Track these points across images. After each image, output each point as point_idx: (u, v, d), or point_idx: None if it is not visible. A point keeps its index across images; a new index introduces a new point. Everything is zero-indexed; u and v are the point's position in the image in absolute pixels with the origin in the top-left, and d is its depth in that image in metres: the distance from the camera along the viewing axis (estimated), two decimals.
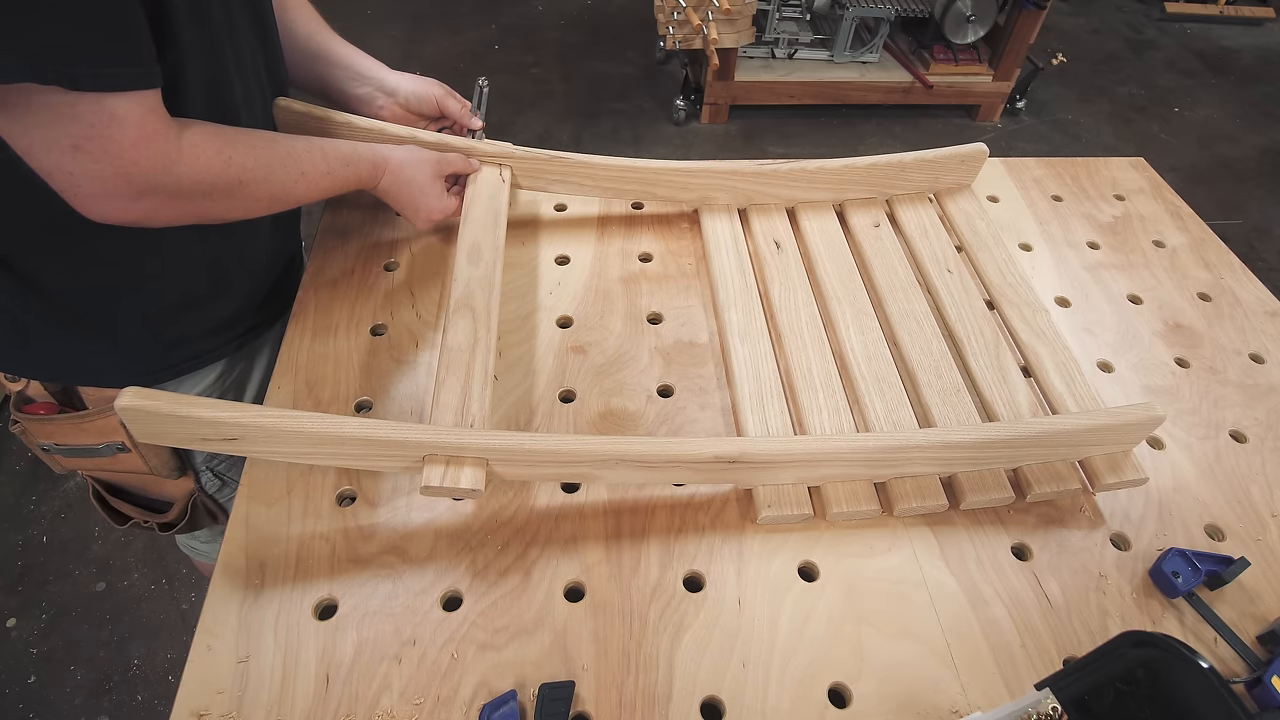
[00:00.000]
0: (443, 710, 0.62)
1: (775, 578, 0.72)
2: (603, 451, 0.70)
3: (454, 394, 0.74)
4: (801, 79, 3.00)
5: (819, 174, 1.01)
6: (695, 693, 0.64)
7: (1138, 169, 1.24)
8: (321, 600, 0.68)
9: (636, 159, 0.98)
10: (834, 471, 0.76)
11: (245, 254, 0.87)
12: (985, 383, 0.85)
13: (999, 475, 0.78)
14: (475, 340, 0.78)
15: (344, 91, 0.95)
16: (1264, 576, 0.75)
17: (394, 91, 0.96)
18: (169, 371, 0.86)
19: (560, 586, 0.71)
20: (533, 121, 3.04)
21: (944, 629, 0.70)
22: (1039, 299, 0.93)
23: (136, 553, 1.78)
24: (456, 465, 0.68)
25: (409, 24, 3.52)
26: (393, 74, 0.96)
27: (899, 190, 1.05)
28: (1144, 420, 0.76)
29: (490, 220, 0.91)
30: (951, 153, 1.03)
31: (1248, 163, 3.16)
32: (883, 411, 0.82)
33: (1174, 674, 0.51)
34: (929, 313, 0.92)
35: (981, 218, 1.03)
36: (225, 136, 0.69)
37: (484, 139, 0.98)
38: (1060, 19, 3.92)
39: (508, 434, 0.70)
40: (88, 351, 0.81)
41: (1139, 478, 0.79)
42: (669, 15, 2.59)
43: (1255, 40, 3.94)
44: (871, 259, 0.98)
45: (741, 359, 0.85)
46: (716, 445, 0.71)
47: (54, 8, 0.52)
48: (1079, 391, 0.84)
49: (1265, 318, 1.01)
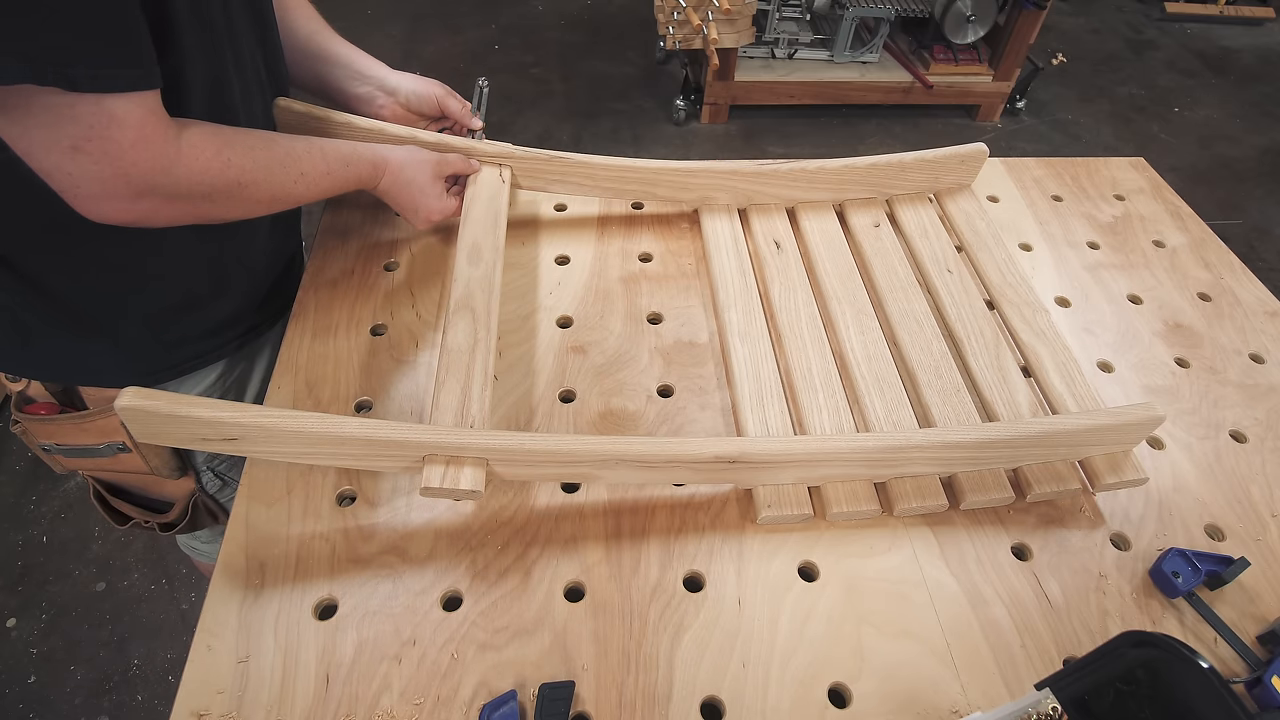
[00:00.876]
0: (443, 710, 0.62)
1: (775, 578, 0.72)
2: (603, 451, 0.70)
3: (454, 394, 0.74)
4: (801, 79, 3.00)
5: (819, 174, 1.01)
6: (695, 693, 0.64)
7: (1138, 169, 1.24)
8: (321, 600, 0.68)
9: (636, 159, 0.98)
10: (834, 471, 0.76)
11: (245, 253, 0.87)
12: (985, 383, 0.85)
13: (999, 475, 0.78)
14: (475, 341, 0.78)
15: (344, 90, 0.95)
16: (1264, 576, 0.75)
17: (394, 91, 0.96)
18: (170, 372, 0.86)
19: (560, 586, 0.71)
20: (533, 121, 3.04)
21: (944, 629, 0.70)
22: (1039, 299, 0.93)
23: (136, 553, 1.78)
24: (456, 466, 0.68)
25: (409, 24, 3.52)
26: (393, 73, 0.96)
27: (899, 190, 1.05)
28: (1144, 420, 0.76)
29: (490, 220, 0.91)
30: (951, 153, 1.03)
31: (1248, 163, 3.16)
32: (883, 411, 0.82)
33: (1174, 674, 0.51)
34: (929, 313, 0.92)
35: (981, 218, 1.03)
36: (224, 137, 0.69)
37: (484, 139, 0.98)
38: (1060, 19, 3.92)
39: (508, 434, 0.70)
40: (88, 351, 0.81)
41: (1139, 478, 0.79)
42: (669, 15, 2.59)
43: (1255, 40, 3.94)
44: (871, 259, 0.98)
45: (741, 359, 0.85)
46: (716, 445, 0.71)
47: (54, 10, 0.52)
48: (1079, 392, 0.84)
49: (1265, 318, 1.01)
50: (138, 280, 0.78)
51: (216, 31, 0.70)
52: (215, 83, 0.72)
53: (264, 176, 0.72)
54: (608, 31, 3.58)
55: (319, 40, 0.94)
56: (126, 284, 0.78)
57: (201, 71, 0.69)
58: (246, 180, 0.71)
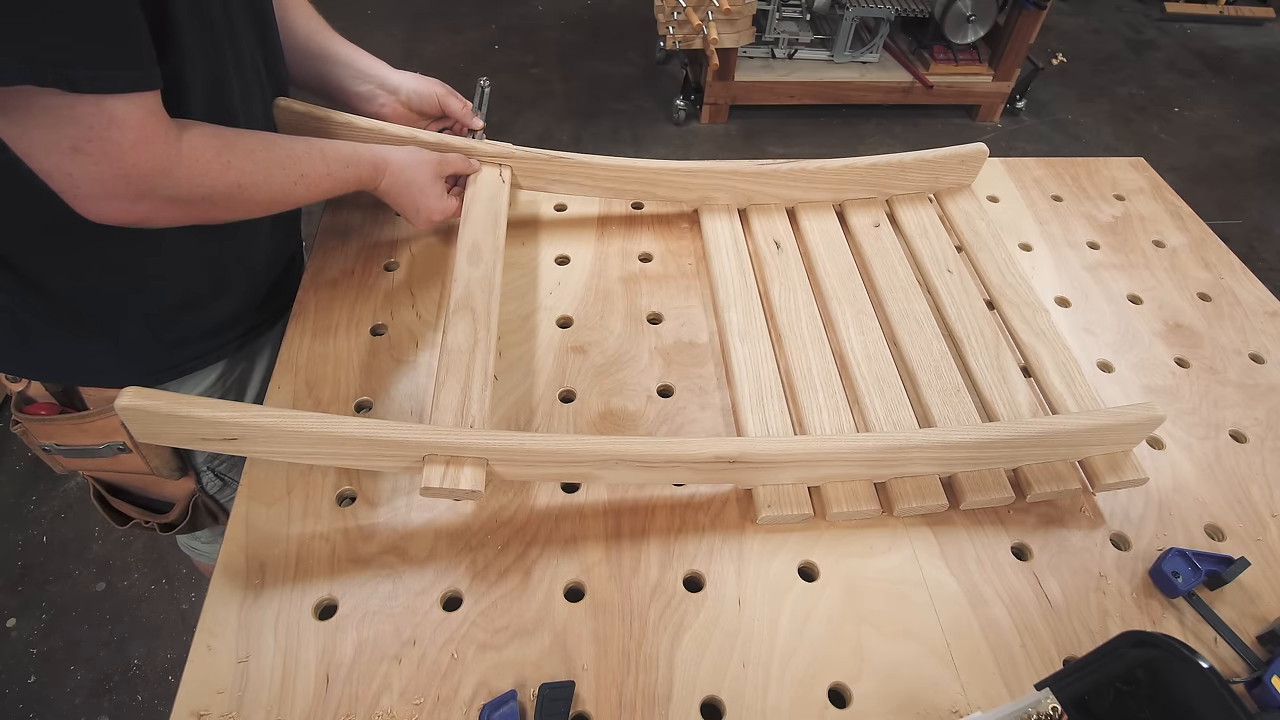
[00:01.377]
0: (443, 710, 0.62)
1: (775, 578, 0.72)
2: (602, 451, 0.70)
3: (454, 394, 0.74)
4: (801, 79, 3.00)
5: (819, 174, 1.01)
6: (695, 693, 0.64)
7: (1138, 169, 1.23)
8: (321, 600, 0.68)
9: (636, 159, 0.98)
10: (834, 471, 0.76)
11: (246, 254, 0.87)
12: (985, 383, 0.85)
13: (999, 475, 0.78)
14: (475, 341, 0.78)
15: (345, 89, 0.95)
16: (1264, 576, 0.75)
17: (396, 89, 0.96)
18: (170, 372, 0.86)
19: (560, 586, 0.71)
20: (533, 121, 3.04)
21: (944, 629, 0.70)
22: (1039, 299, 0.93)
23: (136, 553, 1.78)
24: (456, 466, 0.68)
25: (409, 24, 3.52)
26: (394, 72, 0.96)
27: (899, 190, 1.05)
28: (1144, 420, 0.76)
29: (490, 221, 0.91)
30: (951, 153, 1.03)
31: (1248, 163, 3.16)
32: (883, 411, 0.82)
33: (1174, 674, 0.51)
34: (929, 313, 0.92)
35: (981, 218, 1.03)
36: (225, 139, 0.69)
37: (485, 139, 0.98)
38: (1060, 19, 3.92)
39: (507, 434, 0.70)
40: (89, 352, 0.81)
41: (1139, 477, 0.79)
42: (669, 15, 2.59)
43: (1255, 40, 3.94)
44: (871, 259, 0.98)
45: (741, 359, 0.85)
46: (716, 445, 0.71)
47: (53, 10, 0.52)
48: (1079, 391, 0.84)
49: (1265, 318, 1.01)
50: (138, 280, 0.78)
51: (217, 31, 0.70)
52: (215, 83, 0.72)
53: (264, 178, 0.72)
54: (608, 31, 3.58)
55: (319, 39, 0.94)
56: (127, 284, 0.78)
57: (202, 72, 0.69)
58: (247, 182, 0.70)
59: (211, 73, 0.71)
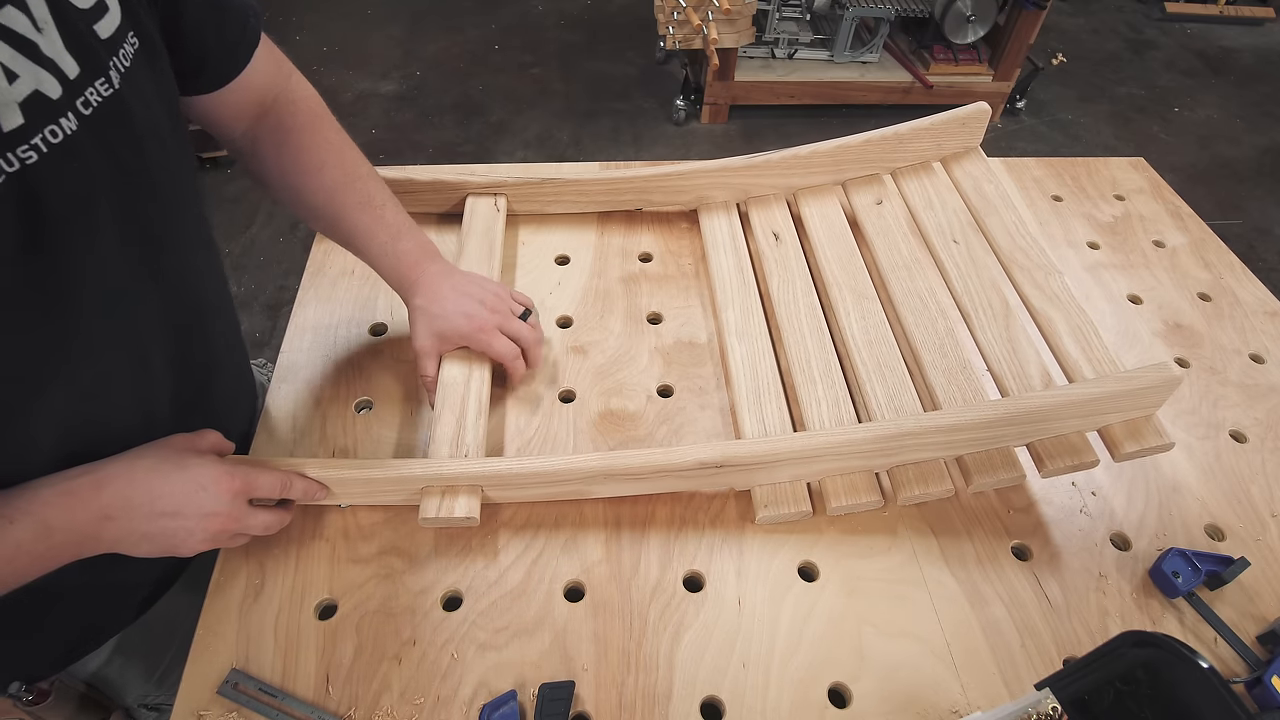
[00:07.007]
0: (443, 710, 0.62)
1: (775, 577, 0.72)
2: (589, 468, 0.71)
3: (449, 426, 0.76)
4: (801, 79, 3.00)
5: (813, 158, 0.99)
6: (695, 693, 0.64)
7: (1138, 169, 1.23)
8: (321, 600, 0.68)
9: (628, 167, 0.98)
10: (830, 466, 0.75)
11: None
12: (994, 356, 0.82)
13: (1008, 453, 0.76)
14: (470, 372, 0.80)
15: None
16: (1264, 576, 0.75)
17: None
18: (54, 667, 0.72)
19: (560, 586, 0.71)
20: (533, 121, 3.04)
21: (944, 629, 0.70)
22: (1051, 261, 0.88)
23: None
24: (451, 495, 0.71)
25: (409, 23, 3.52)
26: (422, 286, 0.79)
27: (901, 163, 1.01)
28: (1158, 382, 0.72)
29: (485, 252, 0.92)
30: (950, 116, 0.99)
31: (1248, 163, 3.16)
32: (884, 398, 0.79)
33: (1174, 674, 0.51)
34: (934, 289, 0.89)
35: (989, 180, 0.98)
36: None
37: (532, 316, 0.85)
38: (1060, 19, 3.92)
39: (497, 460, 0.72)
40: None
41: (1164, 443, 0.74)
42: (669, 15, 2.59)
43: (1255, 40, 3.94)
44: (874, 238, 0.95)
45: (739, 358, 0.85)
46: (699, 452, 0.72)
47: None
48: (1095, 355, 0.79)
49: (1265, 318, 1.01)
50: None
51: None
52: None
53: None
54: (608, 31, 3.57)
55: (348, 221, 0.78)
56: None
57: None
58: None
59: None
